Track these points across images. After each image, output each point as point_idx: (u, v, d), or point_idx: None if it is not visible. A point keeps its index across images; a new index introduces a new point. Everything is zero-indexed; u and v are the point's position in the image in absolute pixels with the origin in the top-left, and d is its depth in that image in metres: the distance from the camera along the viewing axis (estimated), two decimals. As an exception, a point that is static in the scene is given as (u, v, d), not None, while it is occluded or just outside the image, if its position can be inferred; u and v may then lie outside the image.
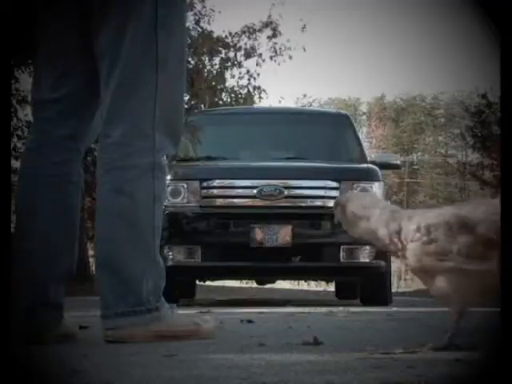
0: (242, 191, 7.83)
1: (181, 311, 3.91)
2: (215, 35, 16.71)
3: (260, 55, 17.69)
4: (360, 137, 9.59)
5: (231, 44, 17.28)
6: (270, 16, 17.85)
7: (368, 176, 7.94)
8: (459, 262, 2.19)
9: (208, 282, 12.26)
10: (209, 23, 17.09)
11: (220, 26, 25.08)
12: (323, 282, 24.22)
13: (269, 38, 17.75)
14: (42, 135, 3.02)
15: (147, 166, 2.89)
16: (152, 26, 2.89)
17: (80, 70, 3.00)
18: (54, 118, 3.00)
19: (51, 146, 2.99)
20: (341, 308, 6.29)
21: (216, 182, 7.87)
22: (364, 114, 68.60)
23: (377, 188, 7.83)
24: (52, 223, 2.95)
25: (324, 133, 9.36)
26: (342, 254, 7.61)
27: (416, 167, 64.72)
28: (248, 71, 17.75)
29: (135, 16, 2.87)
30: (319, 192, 7.84)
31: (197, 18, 16.87)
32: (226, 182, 7.93)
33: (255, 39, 17.66)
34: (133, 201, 2.86)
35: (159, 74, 2.91)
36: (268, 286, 15.09)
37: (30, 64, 11.22)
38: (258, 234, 7.56)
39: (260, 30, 17.69)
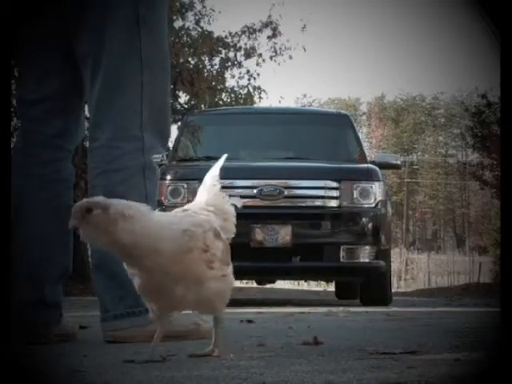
0: (241, 191, 7.81)
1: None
2: (215, 35, 16.67)
3: (260, 55, 17.66)
4: (360, 137, 9.58)
5: (231, 44, 17.24)
6: (270, 16, 17.82)
7: (368, 176, 7.94)
8: (221, 268, 2.22)
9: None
10: (209, 23, 17.07)
11: (220, 26, 25.13)
12: (323, 282, 24.28)
13: (269, 37, 17.72)
14: (30, 135, 3.00)
15: (137, 167, 2.87)
16: (134, 26, 2.86)
17: (63, 70, 2.97)
18: (40, 117, 2.98)
19: (39, 146, 2.98)
20: (341, 308, 6.29)
21: (216, 182, 7.86)
22: (364, 114, 68.63)
23: (377, 188, 7.83)
24: (44, 222, 2.94)
25: (324, 133, 9.35)
26: (342, 253, 7.60)
27: (416, 167, 64.76)
28: (248, 71, 17.72)
29: (115, 17, 2.84)
30: (319, 192, 7.83)
31: (197, 18, 16.84)
32: (226, 182, 7.91)
33: (255, 39, 17.63)
34: None
35: (144, 74, 2.88)
36: (268, 285, 15.08)
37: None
38: (258, 234, 7.55)
39: (260, 30, 17.65)
